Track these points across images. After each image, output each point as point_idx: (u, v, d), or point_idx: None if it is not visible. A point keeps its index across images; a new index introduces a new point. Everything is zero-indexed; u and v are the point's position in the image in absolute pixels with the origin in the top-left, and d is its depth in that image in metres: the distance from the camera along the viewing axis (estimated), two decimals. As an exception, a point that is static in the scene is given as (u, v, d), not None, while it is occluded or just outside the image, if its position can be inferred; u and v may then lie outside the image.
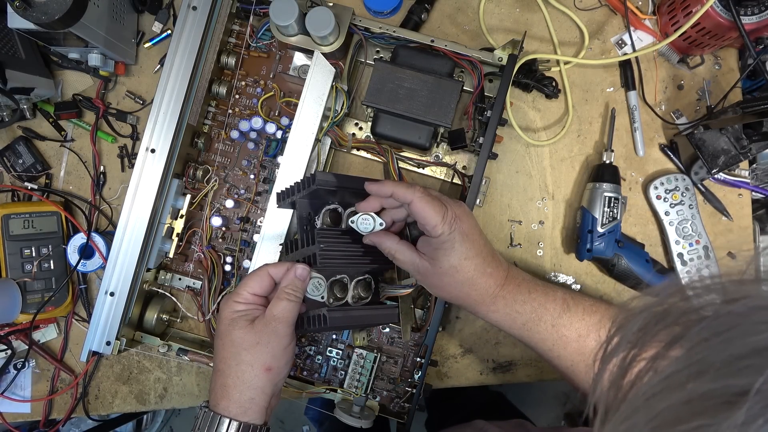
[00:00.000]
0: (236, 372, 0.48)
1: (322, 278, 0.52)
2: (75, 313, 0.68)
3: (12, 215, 0.64)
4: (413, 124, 0.61)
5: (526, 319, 0.50)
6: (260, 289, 0.51)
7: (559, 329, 0.50)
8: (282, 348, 0.49)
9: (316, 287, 0.52)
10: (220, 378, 0.49)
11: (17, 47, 0.62)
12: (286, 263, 0.52)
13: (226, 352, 0.49)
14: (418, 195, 0.47)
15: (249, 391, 0.48)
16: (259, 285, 0.51)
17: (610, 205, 0.63)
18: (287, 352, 0.50)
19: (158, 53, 0.69)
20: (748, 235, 0.68)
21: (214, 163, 0.66)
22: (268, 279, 0.51)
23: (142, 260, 0.60)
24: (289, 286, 0.50)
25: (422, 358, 0.56)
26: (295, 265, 0.51)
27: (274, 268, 0.52)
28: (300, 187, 0.51)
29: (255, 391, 0.48)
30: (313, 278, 0.51)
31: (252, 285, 0.51)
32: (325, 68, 0.59)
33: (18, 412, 0.68)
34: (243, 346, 0.48)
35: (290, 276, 0.50)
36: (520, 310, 0.50)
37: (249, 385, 0.48)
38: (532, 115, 0.68)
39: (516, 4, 0.69)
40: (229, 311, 0.50)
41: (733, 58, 0.69)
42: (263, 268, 0.52)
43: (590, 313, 0.51)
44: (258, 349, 0.48)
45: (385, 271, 0.61)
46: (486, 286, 0.50)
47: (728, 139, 0.62)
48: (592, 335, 0.50)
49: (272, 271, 0.51)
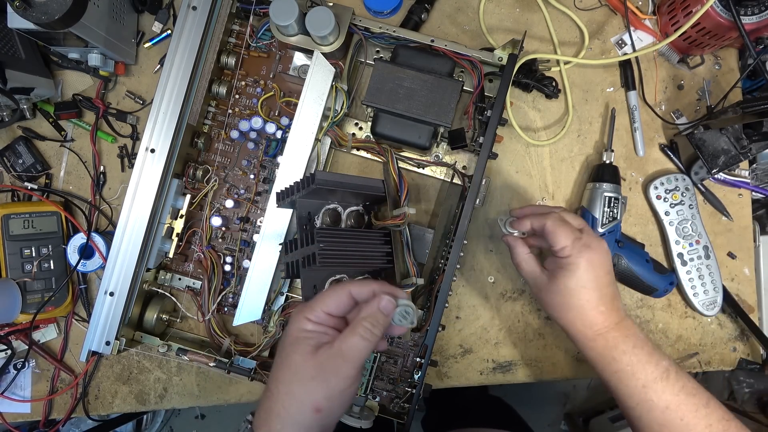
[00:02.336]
0: (283, 402, 0.43)
1: (411, 306, 0.45)
2: (75, 313, 0.68)
3: (12, 215, 0.64)
4: (413, 124, 0.61)
5: (620, 368, 0.51)
6: (336, 309, 0.45)
7: (649, 392, 0.50)
8: (340, 390, 0.42)
9: (404, 316, 0.45)
10: (268, 400, 0.43)
11: (17, 47, 0.62)
12: (372, 285, 0.45)
13: (281, 374, 0.44)
14: (551, 220, 0.51)
15: (291, 428, 0.42)
16: (335, 304, 0.45)
17: (610, 205, 0.63)
18: (345, 395, 0.43)
19: (158, 53, 0.69)
20: (748, 235, 0.68)
21: (214, 163, 0.66)
22: (347, 299, 0.45)
23: (141, 260, 0.60)
24: (369, 318, 0.43)
25: (422, 358, 0.56)
26: (381, 295, 0.44)
27: (357, 287, 0.45)
28: (300, 187, 0.51)
29: (298, 430, 0.42)
30: (400, 306, 0.45)
31: (328, 302, 0.44)
32: (325, 68, 0.59)
33: (18, 412, 0.68)
34: (297, 376, 0.42)
35: (372, 307, 0.44)
36: (618, 358, 0.51)
37: (293, 421, 0.42)
38: (532, 115, 0.68)
39: (516, 4, 0.69)
40: (296, 328, 0.44)
41: (733, 58, 0.69)
42: (344, 285, 0.45)
43: (687, 392, 0.50)
44: (312, 385, 0.42)
45: (385, 270, 0.61)
46: (593, 321, 0.51)
47: (728, 139, 0.62)
48: (680, 414, 0.49)
49: (354, 291, 0.45)
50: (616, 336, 0.51)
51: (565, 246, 0.51)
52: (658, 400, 0.49)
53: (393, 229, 0.55)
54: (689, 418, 0.49)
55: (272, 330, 0.63)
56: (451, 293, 0.65)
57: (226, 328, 0.66)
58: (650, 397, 0.50)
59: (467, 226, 0.56)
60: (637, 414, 0.51)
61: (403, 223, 0.55)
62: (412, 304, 0.45)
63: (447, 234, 0.62)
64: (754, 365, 0.68)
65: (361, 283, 0.45)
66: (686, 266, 0.66)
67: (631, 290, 0.67)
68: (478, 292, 0.67)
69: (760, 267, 0.69)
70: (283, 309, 0.63)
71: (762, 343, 0.66)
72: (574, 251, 0.50)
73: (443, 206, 0.63)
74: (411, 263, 0.55)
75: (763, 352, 0.67)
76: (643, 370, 0.50)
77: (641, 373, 0.50)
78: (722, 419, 0.49)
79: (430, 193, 0.67)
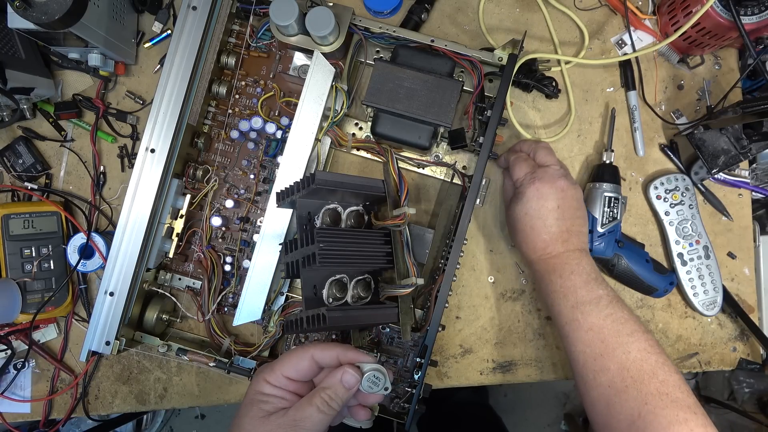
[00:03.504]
0: None
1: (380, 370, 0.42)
2: (75, 313, 0.68)
3: (12, 215, 0.64)
4: (413, 124, 0.61)
5: (555, 290, 0.55)
6: (296, 374, 0.43)
7: (576, 313, 0.53)
8: None
9: (374, 382, 0.42)
10: None
11: (17, 47, 0.62)
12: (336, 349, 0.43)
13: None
14: (514, 156, 0.60)
15: None
16: (295, 368, 0.43)
17: (610, 205, 0.63)
18: None
19: (158, 53, 0.69)
20: (748, 235, 0.68)
21: (214, 163, 0.66)
22: (309, 363, 0.43)
23: (141, 260, 0.60)
24: (328, 390, 0.41)
25: (422, 358, 0.56)
26: (345, 367, 0.42)
27: (320, 351, 0.43)
28: (300, 187, 0.51)
29: None
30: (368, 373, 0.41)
31: (288, 366, 0.43)
32: (325, 68, 0.59)
33: (18, 412, 0.68)
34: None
35: (334, 379, 0.42)
36: (554, 281, 0.55)
37: None
38: (532, 115, 0.68)
39: (516, 4, 0.69)
40: (254, 389, 0.43)
41: (733, 58, 0.69)
42: (307, 348, 0.43)
43: (615, 319, 0.51)
44: None
45: (385, 270, 0.61)
46: (535, 246, 0.56)
47: (728, 139, 0.62)
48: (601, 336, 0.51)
49: (317, 356, 0.43)
50: (555, 263, 0.55)
51: (518, 178, 0.58)
52: (584, 321, 0.52)
53: (393, 229, 0.55)
54: (609, 341, 0.50)
55: (272, 330, 0.63)
56: (451, 293, 0.65)
57: (226, 328, 0.66)
58: (577, 317, 0.53)
59: (467, 226, 0.56)
60: (566, 333, 0.54)
61: (403, 223, 0.55)
62: (381, 369, 0.43)
63: (447, 234, 0.62)
64: (754, 365, 0.68)
65: (325, 347, 0.43)
66: (686, 266, 0.66)
67: (631, 290, 0.67)
68: (478, 292, 0.67)
69: (760, 267, 0.69)
70: (283, 309, 0.63)
71: (762, 343, 0.66)
72: (524, 182, 0.56)
73: (443, 206, 0.63)
74: (411, 263, 0.55)
75: (763, 352, 0.67)
76: (574, 294, 0.53)
77: (572, 296, 0.54)
78: (643, 350, 0.50)
79: (430, 193, 0.67)
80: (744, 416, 1.15)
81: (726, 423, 1.24)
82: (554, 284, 0.55)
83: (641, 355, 0.49)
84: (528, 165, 0.58)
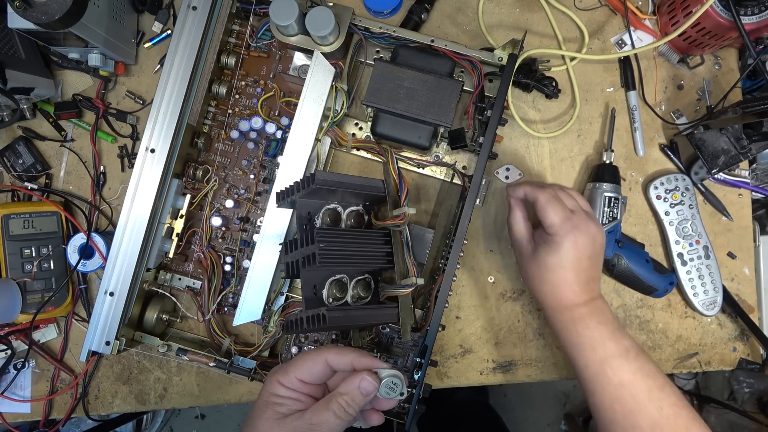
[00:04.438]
0: None
1: (398, 376, 0.42)
2: (75, 313, 0.68)
3: (12, 215, 0.64)
4: (413, 124, 0.61)
5: (581, 341, 0.52)
6: (310, 377, 0.43)
7: (605, 367, 0.51)
8: None
9: (391, 388, 0.41)
10: None
11: (17, 47, 0.62)
12: (351, 355, 0.43)
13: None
14: (545, 196, 0.53)
15: None
16: (309, 372, 0.42)
17: (610, 205, 0.63)
18: None
19: (158, 53, 0.69)
20: (748, 235, 0.68)
21: (214, 163, 0.66)
22: (323, 367, 0.43)
23: (141, 260, 0.60)
24: (346, 396, 0.41)
25: (422, 358, 0.56)
26: (363, 374, 0.41)
27: (334, 356, 0.43)
28: (300, 187, 0.51)
29: None
30: (386, 378, 0.41)
31: (302, 370, 0.42)
32: (325, 68, 0.59)
33: (18, 412, 0.68)
34: None
35: (352, 385, 0.41)
36: (581, 331, 0.52)
37: None
38: (532, 115, 0.68)
39: (516, 4, 0.69)
40: (268, 392, 0.43)
41: (733, 58, 0.69)
42: (321, 352, 0.43)
43: (644, 374, 0.50)
44: None
45: (385, 270, 0.61)
46: (564, 297, 0.53)
47: (728, 139, 0.62)
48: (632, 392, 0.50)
49: (331, 360, 0.43)
50: (582, 312, 0.53)
51: (553, 223, 0.52)
52: (613, 376, 0.50)
53: (393, 229, 0.55)
54: (641, 398, 0.49)
55: (272, 330, 0.63)
56: (451, 293, 0.65)
57: (226, 328, 0.66)
58: (606, 372, 0.51)
59: (467, 226, 0.56)
60: (593, 387, 0.52)
61: (403, 223, 0.55)
62: (399, 375, 0.42)
63: (447, 234, 0.62)
64: (754, 365, 0.68)
65: (339, 352, 0.43)
66: (686, 266, 0.66)
67: (631, 290, 0.67)
68: (478, 292, 0.67)
69: (760, 267, 0.69)
70: (283, 309, 0.63)
71: (762, 343, 0.66)
72: (561, 230, 0.51)
73: (443, 206, 0.63)
74: (411, 263, 0.55)
75: (763, 352, 0.67)
76: (603, 346, 0.51)
77: (600, 348, 0.51)
78: (674, 405, 0.49)
79: (430, 193, 0.67)
80: (744, 416, 1.15)
81: (726, 423, 1.24)
82: (581, 336, 0.52)
83: (673, 410, 0.49)
84: (562, 208, 0.52)
